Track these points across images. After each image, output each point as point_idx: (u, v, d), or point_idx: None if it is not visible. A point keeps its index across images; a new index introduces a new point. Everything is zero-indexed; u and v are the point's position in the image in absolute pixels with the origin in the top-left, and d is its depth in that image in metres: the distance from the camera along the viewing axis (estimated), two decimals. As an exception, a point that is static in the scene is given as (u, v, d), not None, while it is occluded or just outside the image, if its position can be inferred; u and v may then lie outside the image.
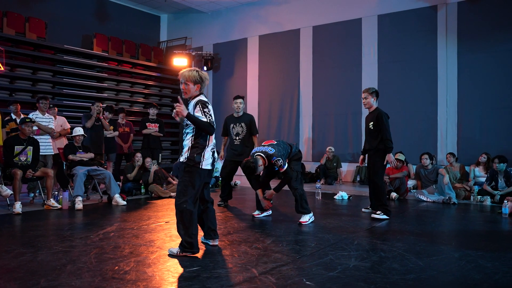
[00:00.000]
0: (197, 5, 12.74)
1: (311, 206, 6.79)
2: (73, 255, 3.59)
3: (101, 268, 3.22)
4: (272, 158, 4.80)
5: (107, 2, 12.91)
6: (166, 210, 6.16)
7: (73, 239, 4.17)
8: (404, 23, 10.12)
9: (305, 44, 11.65)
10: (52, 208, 6.04)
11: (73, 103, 11.03)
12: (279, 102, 11.99)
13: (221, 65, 13.23)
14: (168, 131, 12.90)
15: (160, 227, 4.88)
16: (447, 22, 9.61)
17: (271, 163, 4.82)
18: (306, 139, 11.61)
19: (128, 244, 3.98)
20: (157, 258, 3.55)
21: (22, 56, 10.45)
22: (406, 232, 4.72)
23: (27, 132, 6.20)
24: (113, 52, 12.43)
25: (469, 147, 9.19)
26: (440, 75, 9.70)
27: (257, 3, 12.44)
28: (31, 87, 10.33)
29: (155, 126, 8.75)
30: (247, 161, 4.73)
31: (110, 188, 6.62)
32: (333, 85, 11.04)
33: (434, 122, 9.73)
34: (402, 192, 7.60)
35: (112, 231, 4.60)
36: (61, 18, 11.65)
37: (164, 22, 14.66)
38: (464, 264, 3.49)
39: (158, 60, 13.68)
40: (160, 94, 13.56)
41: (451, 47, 9.58)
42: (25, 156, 6.18)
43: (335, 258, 3.57)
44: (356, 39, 10.79)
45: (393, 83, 10.19)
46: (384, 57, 10.40)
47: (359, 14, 10.77)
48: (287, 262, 3.45)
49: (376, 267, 3.36)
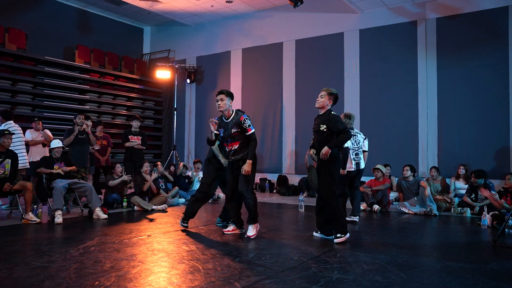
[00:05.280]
0: (180, 18, 12.78)
1: (294, 219, 6.84)
2: (51, 270, 3.50)
3: (81, 284, 3.14)
4: (243, 115, 4.96)
5: (90, 13, 12.85)
6: (148, 224, 6.07)
7: (52, 254, 4.07)
8: (385, 37, 10.31)
9: (288, 58, 11.76)
10: (30, 222, 5.88)
11: (54, 115, 10.88)
12: (262, 115, 12.03)
13: (204, 78, 13.25)
14: (151, 144, 12.81)
15: (142, 240, 4.81)
16: (427, 37, 9.82)
17: (240, 120, 4.94)
18: (289, 152, 11.64)
19: (109, 259, 3.92)
20: (139, 272, 3.50)
21: (1, 67, 10.27)
22: (388, 245, 4.74)
23: (6, 145, 6.08)
24: (96, 64, 12.34)
25: (449, 159, 9.35)
26: (420, 89, 9.87)
27: (240, 17, 12.54)
28: (10, 98, 10.16)
29: (138, 139, 8.66)
30: None
31: (91, 201, 6.51)
32: (315, 98, 10.98)
33: (415, 135, 9.87)
34: (385, 204, 7.66)
35: (93, 245, 4.51)
36: (43, 29, 11.53)
37: (147, 34, 14.64)
38: (445, 275, 3.52)
39: (141, 72, 13.63)
40: (142, 106, 13.48)
41: (430, 61, 9.78)
42: (2, 169, 6.04)
43: (318, 271, 3.57)
44: (338, 53, 10.93)
45: (374, 96, 10.33)
46: (365, 71, 10.55)
47: (341, 29, 10.94)
48: (269, 276, 3.43)
49: (359, 279, 3.36)
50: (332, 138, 4.82)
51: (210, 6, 11.82)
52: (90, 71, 12.15)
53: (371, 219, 6.81)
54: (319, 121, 4.98)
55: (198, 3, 11.56)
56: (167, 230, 5.50)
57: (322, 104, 4.98)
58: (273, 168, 11.76)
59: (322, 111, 5.01)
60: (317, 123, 4.99)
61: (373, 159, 9.38)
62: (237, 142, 5.04)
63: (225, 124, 5.08)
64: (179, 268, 3.65)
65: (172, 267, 3.68)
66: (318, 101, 5.00)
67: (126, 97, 12.99)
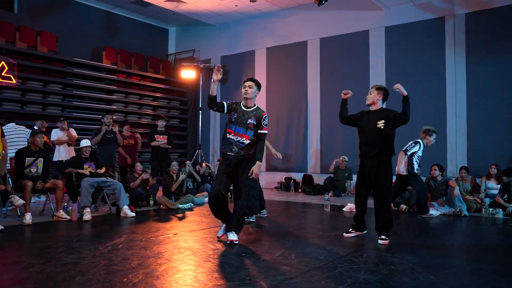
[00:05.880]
0: (204, 18, 12.87)
1: (319, 219, 6.78)
2: (82, 266, 3.57)
3: (110, 280, 3.20)
4: (265, 112, 4.67)
5: (116, 15, 13.08)
6: (174, 222, 6.13)
7: (82, 251, 4.16)
8: (412, 34, 10.12)
9: (312, 56, 11.68)
10: (61, 219, 6.05)
11: (83, 115, 11.13)
12: (287, 114, 11.98)
13: (228, 77, 13.29)
14: (176, 143, 12.95)
15: (168, 239, 4.84)
16: (455, 33, 9.59)
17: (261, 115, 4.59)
18: (314, 151, 11.57)
19: (137, 256, 3.96)
20: (166, 270, 3.52)
21: (33, 69, 10.58)
22: (416, 245, 4.63)
23: (38, 144, 6.29)
24: (122, 65, 12.57)
25: (479, 158, 9.10)
26: (448, 87, 9.65)
27: (264, 16, 12.53)
28: (41, 99, 10.44)
29: (164, 138, 8.77)
30: None
31: (120, 199, 6.62)
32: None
33: (443, 134, 9.63)
34: (412, 204, 7.51)
35: (121, 242, 4.58)
36: (72, 31, 11.81)
37: (172, 35, 14.80)
38: (477, 278, 3.41)
39: (166, 72, 13.79)
40: (168, 106, 13.64)
41: (459, 58, 9.54)
42: (35, 167, 6.25)
43: (344, 271, 3.52)
44: (363, 51, 10.79)
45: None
46: (391, 69, 10.38)
47: (366, 26, 10.79)
48: (296, 275, 3.40)
49: (386, 280, 3.30)
50: (387, 139, 4.73)
51: (234, 6, 11.86)
52: (117, 72, 12.37)
53: (397, 219, 6.67)
54: (373, 118, 4.83)
55: (222, 3, 11.61)
56: (193, 229, 5.52)
57: (372, 100, 4.91)
58: (298, 167, 11.71)
59: (374, 107, 4.92)
60: (370, 121, 4.83)
61: (399, 158, 9.25)
62: (248, 137, 4.59)
63: (242, 111, 4.63)
64: (205, 266, 3.66)
65: (198, 265, 3.68)
66: (368, 98, 4.95)
67: (152, 97, 13.17)
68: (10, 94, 9.87)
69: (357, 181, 5.07)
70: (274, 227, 5.81)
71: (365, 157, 4.85)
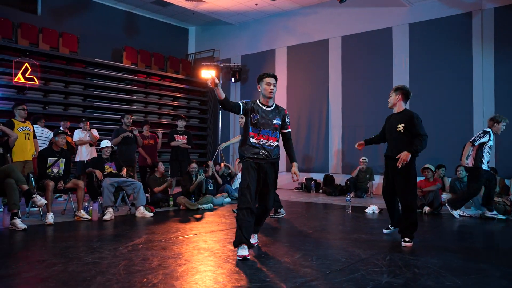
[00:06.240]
0: (225, 17, 12.82)
1: (341, 220, 6.64)
2: (102, 266, 3.59)
3: (130, 280, 3.19)
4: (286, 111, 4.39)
5: (136, 15, 13.16)
6: (193, 223, 6.09)
7: (102, 251, 4.18)
8: (437, 31, 9.85)
9: (334, 55, 11.50)
10: (82, 219, 6.09)
11: (103, 115, 11.21)
12: (308, 113, 11.83)
13: (249, 77, 13.21)
14: (196, 143, 12.93)
15: (188, 239, 4.80)
16: (483, 29, 9.29)
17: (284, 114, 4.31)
18: (335, 151, 11.38)
19: (157, 257, 3.95)
20: (185, 271, 3.49)
21: (55, 70, 10.72)
22: (441, 248, 4.47)
23: (60, 144, 6.35)
24: (142, 65, 12.62)
25: (508, 159, 8.78)
26: (475, 85, 9.36)
27: (285, 14, 12.40)
28: (63, 100, 10.55)
29: (183, 138, 8.72)
30: None
31: (138, 198, 6.65)
32: (363, 95, 10.83)
33: (470, 134, 9.31)
34: (436, 206, 7.28)
35: (141, 243, 4.57)
36: (92, 32, 11.93)
37: (192, 34, 14.82)
38: (507, 284, 3.25)
39: (186, 72, 13.80)
40: (188, 106, 13.65)
41: (487, 55, 9.24)
42: (57, 168, 6.31)
43: (367, 274, 3.43)
44: (386, 48, 10.57)
45: (425, 93, 9.88)
46: (416, 67, 10.13)
47: (389, 23, 10.57)
48: (316, 277, 3.33)
49: (410, 284, 3.19)
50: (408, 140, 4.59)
51: (254, 4, 11.77)
52: (137, 72, 12.44)
53: (421, 221, 6.46)
54: (394, 120, 4.77)
55: (243, 2, 11.54)
56: (213, 229, 5.48)
57: (393, 102, 4.83)
58: (319, 168, 11.55)
59: (396, 109, 4.83)
60: (392, 123, 4.78)
61: (423, 159, 8.96)
62: (276, 138, 4.19)
63: (264, 110, 4.21)
64: (224, 267, 3.61)
65: (218, 266, 3.65)
66: (389, 101, 4.88)
67: (172, 97, 13.20)
68: (33, 95, 10.02)
69: (383, 181, 5.03)
70: (295, 228, 5.72)
71: (388, 157, 4.83)
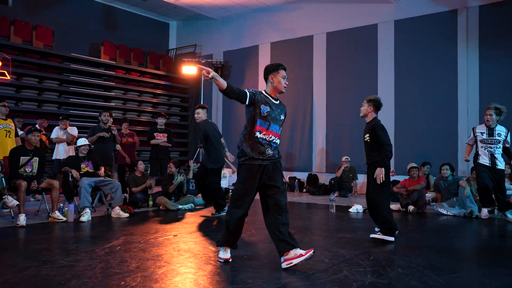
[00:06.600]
0: (207, 11, 12.51)
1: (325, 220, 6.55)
2: (78, 269, 3.50)
3: (107, 284, 3.12)
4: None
5: (115, 9, 12.75)
6: (174, 223, 6.01)
7: (78, 253, 4.07)
8: (422, 28, 9.78)
9: (318, 51, 11.34)
10: (57, 220, 5.89)
11: (80, 112, 10.80)
12: (292, 112, 11.58)
13: (231, 73, 12.94)
14: (177, 142, 12.60)
15: (168, 241, 4.72)
16: (468, 26, 9.25)
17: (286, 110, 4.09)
18: (319, 150, 11.22)
19: (135, 259, 3.87)
20: (165, 273, 3.43)
21: (28, 65, 10.28)
22: (425, 248, 4.48)
23: (33, 142, 6.09)
24: (121, 60, 12.24)
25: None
26: (460, 82, 9.33)
27: (269, 9, 12.17)
28: (37, 96, 10.12)
29: (164, 136, 8.45)
30: None
31: (114, 198, 6.48)
32: (348, 93, 10.69)
33: (455, 132, 9.33)
34: (421, 205, 7.24)
35: (119, 244, 4.46)
36: (69, 26, 11.49)
37: (173, 29, 14.46)
38: (489, 282, 3.28)
39: (167, 68, 13.45)
40: (168, 103, 13.32)
41: (472, 52, 9.22)
42: (30, 167, 6.07)
43: (350, 274, 3.42)
44: (371, 45, 10.46)
45: (410, 91, 9.82)
46: (401, 64, 10.04)
47: (374, 20, 10.45)
48: (299, 278, 3.33)
49: (394, 283, 3.21)
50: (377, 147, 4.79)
51: (237, -1, 11.51)
52: (116, 68, 12.06)
53: (406, 220, 6.54)
54: (364, 130, 5.02)
55: (225, -4, 11.27)
56: (193, 230, 5.41)
57: (365, 112, 4.99)
58: (302, 167, 11.39)
59: (367, 119, 5.01)
60: (363, 133, 5.01)
61: (408, 157, 8.94)
62: (279, 135, 3.83)
63: (274, 104, 3.81)
64: (205, 269, 3.57)
65: (199, 268, 3.60)
66: (361, 110, 5.04)
67: (152, 94, 12.84)
68: (4, 91, 9.56)
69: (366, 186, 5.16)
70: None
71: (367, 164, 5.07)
